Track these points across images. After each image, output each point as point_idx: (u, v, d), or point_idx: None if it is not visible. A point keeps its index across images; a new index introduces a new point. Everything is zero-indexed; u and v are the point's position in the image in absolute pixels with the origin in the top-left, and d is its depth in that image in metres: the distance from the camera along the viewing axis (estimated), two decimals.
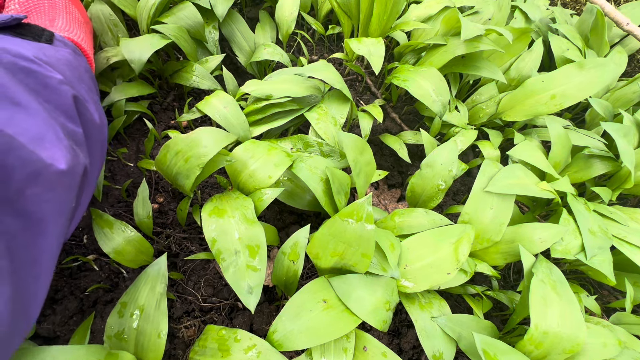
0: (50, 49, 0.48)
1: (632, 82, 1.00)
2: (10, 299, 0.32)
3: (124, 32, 0.78)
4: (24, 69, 0.40)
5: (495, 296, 0.71)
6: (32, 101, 0.38)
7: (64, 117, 0.43)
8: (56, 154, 0.37)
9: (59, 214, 0.38)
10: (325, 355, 0.51)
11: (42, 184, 0.35)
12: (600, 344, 0.57)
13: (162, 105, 0.86)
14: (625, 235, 0.72)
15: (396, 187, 0.92)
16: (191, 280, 0.66)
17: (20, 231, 0.33)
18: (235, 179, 0.64)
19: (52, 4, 0.60)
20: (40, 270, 0.36)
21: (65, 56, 0.50)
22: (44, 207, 0.35)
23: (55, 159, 0.36)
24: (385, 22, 0.85)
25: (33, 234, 0.35)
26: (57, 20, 0.58)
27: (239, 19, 0.94)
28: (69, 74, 0.47)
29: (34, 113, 0.37)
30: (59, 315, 0.58)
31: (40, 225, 0.35)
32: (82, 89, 0.49)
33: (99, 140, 0.51)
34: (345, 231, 0.54)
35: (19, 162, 0.33)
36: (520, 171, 0.71)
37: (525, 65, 1.00)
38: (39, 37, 0.49)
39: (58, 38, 0.52)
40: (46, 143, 0.36)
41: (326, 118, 0.76)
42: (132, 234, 0.60)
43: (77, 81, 0.48)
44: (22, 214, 0.33)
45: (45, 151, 0.36)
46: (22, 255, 0.34)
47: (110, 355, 0.44)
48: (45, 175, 0.35)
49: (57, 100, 0.42)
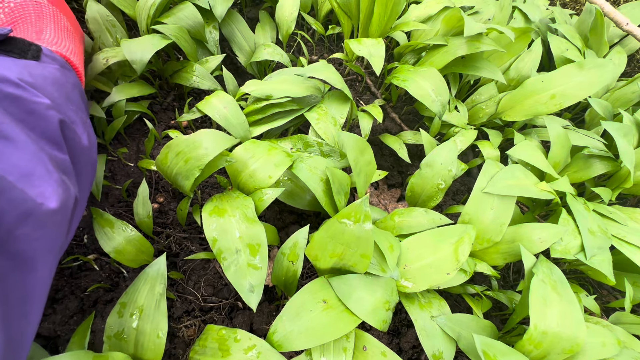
0: (37, 66, 0.46)
1: (631, 82, 1.00)
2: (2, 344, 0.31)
3: (122, 32, 0.78)
4: (9, 96, 0.38)
5: (495, 296, 0.71)
6: (19, 133, 0.36)
7: (51, 146, 0.41)
8: (46, 191, 0.35)
9: (50, 251, 0.37)
10: (325, 354, 0.51)
11: (32, 224, 0.34)
12: (599, 344, 0.57)
13: (162, 105, 0.86)
14: (624, 235, 0.72)
15: (396, 187, 0.92)
16: (191, 279, 0.66)
17: (10, 271, 0.32)
18: (235, 179, 0.64)
19: (39, 14, 0.58)
20: (31, 308, 0.35)
21: (53, 74, 0.48)
22: (34, 245, 0.34)
23: (45, 197, 0.35)
24: (385, 23, 0.86)
25: (23, 273, 0.34)
26: (44, 32, 0.56)
27: (239, 19, 0.94)
28: (56, 94, 0.45)
29: (22, 147, 0.35)
30: (60, 315, 0.58)
31: (30, 263, 0.34)
32: (69, 110, 0.47)
33: (88, 163, 0.49)
34: (344, 232, 0.54)
35: (8, 204, 0.32)
36: (520, 172, 0.72)
37: (525, 65, 1.00)
38: (25, 53, 0.47)
39: (46, 53, 0.50)
40: (35, 180, 0.35)
41: (326, 118, 0.76)
42: (132, 234, 0.60)
43: (64, 102, 0.46)
44: (12, 254, 0.32)
45: (35, 189, 0.34)
46: (13, 295, 0.33)
47: (98, 358, 0.44)
48: (36, 215, 0.34)
49: (43, 127, 0.40)
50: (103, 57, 0.71)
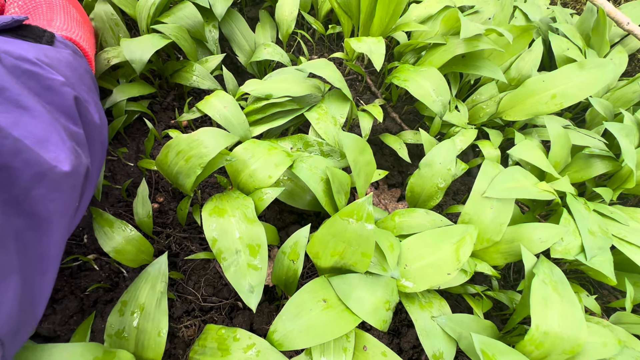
0: (51, 50, 0.49)
1: (632, 81, 1.00)
2: (20, 293, 0.33)
3: (124, 32, 0.78)
4: (27, 72, 0.41)
5: (495, 296, 0.71)
6: (36, 104, 0.39)
7: (66, 119, 0.44)
8: (60, 156, 0.38)
9: (63, 213, 0.39)
10: (325, 354, 0.51)
11: (47, 185, 0.36)
12: (600, 344, 0.57)
13: (162, 105, 0.86)
14: (625, 235, 0.72)
15: (396, 186, 0.92)
16: (191, 279, 0.66)
17: (27, 230, 0.35)
18: (235, 179, 0.64)
19: (50, 5, 0.60)
20: (47, 266, 0.37)
21: (66, 57, 0.51)
22: (49, 206, 0.36)
23: (59, 161, 0.37)
24: (386, 23, 0.85)
25: (39, 232, 0.36)
26: (55, 20, 0.58)
27: (239, 19, 0.94)
28: (70, 75, 0.48)
29: (38, 116, 0.38)
30: (60, 315, 0.58)
31: (45, 224, 0.36)
32: (82, 90, 0.49)
33: (99, 141, 0.52)
34: (346, 230, 0.54)
35: (25, 164, 0.34)
36: (520, 174, 0.71)
37: (526, 65, 1.00)
38: (40, 38, 0.50)
39: (59, 39, 0.53)
40: (50, 145, 0.37)
41: (326, 118, 0.76)
42: (132, 234, 0.60)
43: (77, 82, 0.49)
44: (29, 213, 0.35)
45: (50, 153, 0.37)
46: (30, 252, 0.35)
47: (107, 354, 0.44)
48: (50, 176, 0.36)
49: (58, 102, 0.43)
50: (105, 57, 0.71)
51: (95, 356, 0.43)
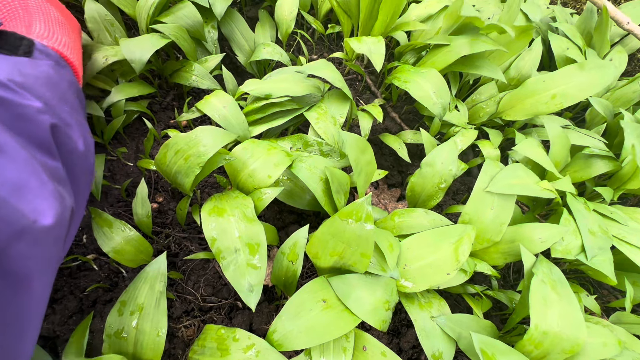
0: (28, 64, 0.43)
1: (632, 81, 1.00)
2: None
3: (121, 32, 0.78)
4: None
5: (495, 296, 0.71)
6: (10, 141, 0.33)
7: (42, 153, 0.38)
8: (41, 206, 0.33)
9: (45, 269, 0.35)
10: (324, 354, 0.51)
11: (26, 242, 0.31)
12: (600, 344, 0.57)
13: (162, 105, 0.85)
14: (625, 235, 0.72)
15: (396, 186, 0.92)
16: (190, 279, 0.66)
17: (3, 290, 0.31)
18: (234, 179, 0.64)
19: (26, 7, 0.54)
20: (26, 326, 0.34)
21: (46, 72, 0.45)
22: (28, 264, 0.32)
23: (40, 213, 0.33)
24: (387, 23, 0.85)
25: (16, 292, 0.32)
26: (34, 25, 0.52)
27: (239, 18, 0.94)
28: (49, 95, 0.42)
29: (14, 156, 0.33)
30: (59, 315, 0.58)
31: (24, 282, 0.32)
32: (63, 111, 0.43)
33: (83, 171, 0.46)
34: (345, 231, 0.54)
35: (1, 222, 0.29)
36: (522, 171, 0.71)
37: (525, 65, 0.99)
38: (16, 49, 0.45)
39: (39, 48, 0.47)
40: (29, 194, 0.32)
41: (326, 117, 0.76)
42: (131, 234, 0.60)
43: (58, 103, 0.43)
44: (5, 273, 0.30)
45: (29, 204, 0.32)
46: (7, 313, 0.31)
47: None
48: (30, 232, 0.32)
49: (32, 132, 0.37)
50: (102, 55, 0.71)
51: None
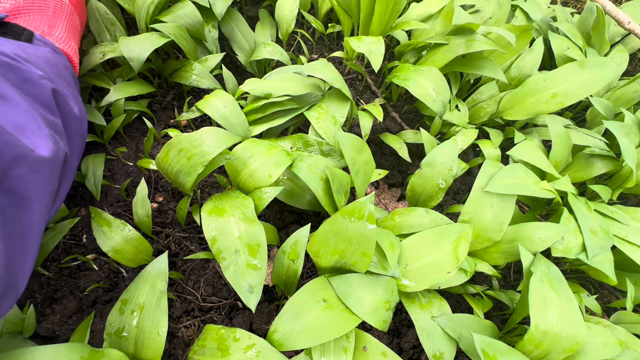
0: (30, 47, 0.50)
1: (633, 81, 1.00)
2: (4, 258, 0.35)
3: (121, 30, 0.78)
4: (5, 64, 0.42)
5: (496, 296, 0.71)
6: (13, 94, 0.40)
7: (44, 109, 0.45)
8: (37, 142, 0.39)
9: (43, 194, 0.40)
10: (325, 354, 0.51)
11: (26, 166, 0.37)
12: (600, 344, 0.57)
13: (162, 104, 0.85)
14: (626, 235, 0.72)
15: (396, 186, 0.92)
16: (191, 279, 0.66)
17: (7, 207, 0.36)
18: (235, 178, 0.64)
19: (57, 10, 0.61)
20: (27, 242, 0.39)
21: (45, 54, 0.51)
22: (28, 186, 0.38)
23: (37, 147, 0.39)
24: (386, 21, 0.85)
25: (19, 210, 0.37)
26: (56, 29, 0.59)
27: (239, 18, 0.94)
28: (48, 70, 0.49)
29: (16, 104, 0.39)
30: (59, 315, 0.58)
31: (25, 202, 0.38)
32: (61, 84, 0.50)
33: (78, 132, 0.53)
34: (346, 229, 0.54)
35: (4, 146, 0.35)
36: (521, 171, 0.71)
37: (526, 64, 0.99)
38: (19, 35, 0.52)
39: (38, 37, 0.54)
40: (28, 132, 0.39)
41: (326, 117, 0.76)
42: (131, 233, 0.59)
43: (56, 77, 0.50)
44: (8, 192, 0.36)
45: (27, 139, 0.38)
46: (12, 227, 0.36)
47: (94, 353, 0.43)
48: (29, 158, 0.37)
49: (36, 93, 0.44)
50: (100, 51, 0.71)
51: (80, 356, 0.42)
